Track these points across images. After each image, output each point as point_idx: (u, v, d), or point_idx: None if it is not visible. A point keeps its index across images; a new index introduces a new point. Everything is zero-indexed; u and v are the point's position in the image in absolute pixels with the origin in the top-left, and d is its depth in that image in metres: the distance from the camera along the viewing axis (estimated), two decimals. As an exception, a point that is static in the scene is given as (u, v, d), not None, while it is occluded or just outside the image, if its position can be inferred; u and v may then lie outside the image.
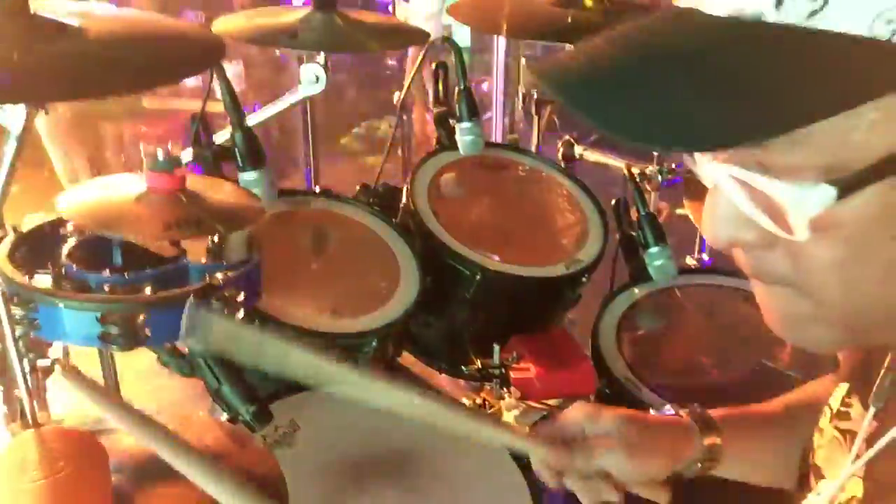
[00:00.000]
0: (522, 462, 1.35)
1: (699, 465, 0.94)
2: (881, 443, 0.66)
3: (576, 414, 0.94)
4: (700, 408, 0.97)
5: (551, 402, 1.62)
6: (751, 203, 0.53)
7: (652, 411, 1.03)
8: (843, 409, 0.75)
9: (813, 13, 0.46)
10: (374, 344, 1.51)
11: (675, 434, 0.94)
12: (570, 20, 1.86)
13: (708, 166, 0.56)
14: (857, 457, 0.68)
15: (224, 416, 1.15)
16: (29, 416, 1.10)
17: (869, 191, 0.49)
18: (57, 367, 1.01)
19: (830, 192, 0.49)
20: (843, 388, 0.76)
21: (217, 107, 1.52)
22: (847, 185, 0.49)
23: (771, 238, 0.54)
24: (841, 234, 0.51)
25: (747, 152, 0.52)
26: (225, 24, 1.60)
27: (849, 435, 0.72)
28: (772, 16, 0.47)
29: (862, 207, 0.50)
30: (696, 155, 0.58)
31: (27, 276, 1.02)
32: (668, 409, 1.00)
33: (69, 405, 1.26)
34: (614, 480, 0.91)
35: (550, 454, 0.92)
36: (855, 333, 0.58)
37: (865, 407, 0.70)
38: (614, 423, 0.92)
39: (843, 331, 0.58)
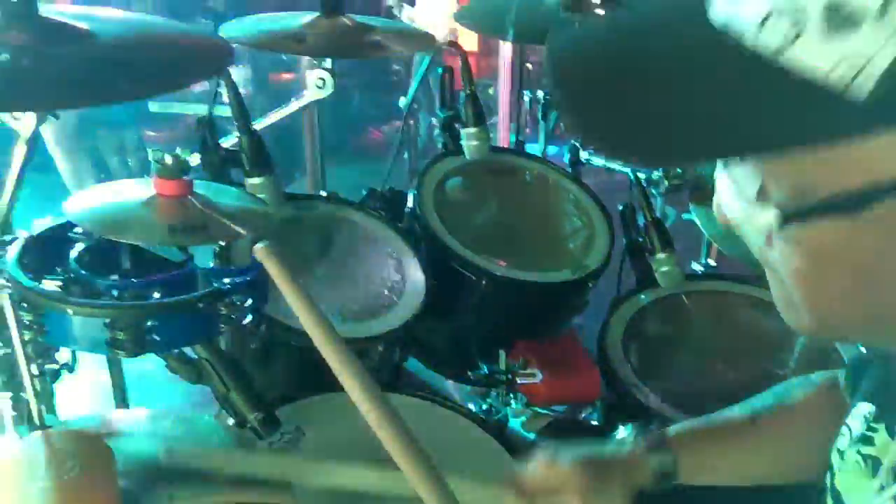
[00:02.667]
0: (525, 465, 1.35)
1: (656, 482, 0.99)
2: None
3: (536, 467, 0.99)
4: (654, 429, 1.03)
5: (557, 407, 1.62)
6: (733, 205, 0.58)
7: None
8: (867, 433, 0.72)
9: (781, 48, 0.47)
10: (379, 349, 1.51)
11: (627, 466, 1.00)
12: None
13: (719, 170, 0.60)
14: (883, 487, 0.66)
15: (231, 422, 1.15)
16: (36, 419, 1.10)
17: (820, 226, 0.51)
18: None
19: (777, 217, 0.53)
20: (863, 407, 0.74)
21: (224, 111, 1.53)
22: (792, 217, 0.52)
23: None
24: (801, 251, 0.54)
25: (741, 167, 0.56)
26: (233, 29, 1.61)
27: (872, 461, 0.70)
28: (751, 39, 0.48)
29: (818, 237, 0.52)
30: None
31: (36, 281, 1.02)
32: (625, 432, 1.04)
33: (77, 408, 1.26)
34: None
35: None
36: (830, 332, 0.63)
37: (891, 433, 0.68)
38: (569, 472, 0.97)
39: (819, 326, 0.60)
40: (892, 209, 0.48)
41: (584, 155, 2.22)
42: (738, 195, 0.56)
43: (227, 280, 1.06)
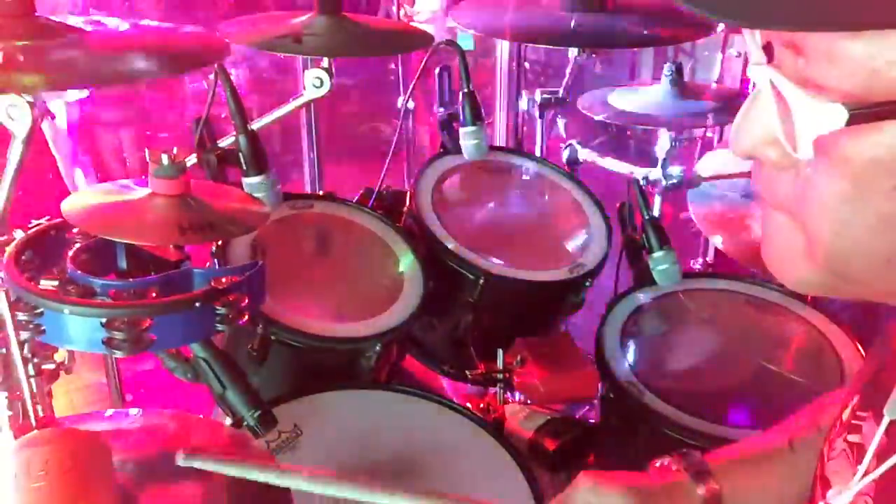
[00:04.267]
0: (523, 464, 1.36)
1: None
2: (892, 460, 0.64)
3: (579, 495, 0.94)
4: (696, 456, 0.97)
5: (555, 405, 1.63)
6: (776, 113, 0.53)
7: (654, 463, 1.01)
8: (854, 421, 0.73)
9: None
10: (377, 348, 1.51)
11: (673, 495, 0.94)
12: (573, 24, 1.86)
13: (757, 69, 0.55)
14: (867, 473, 0.67)
15: (228, 421, 1.16)
16: (32, 418, 1.10)
17: (884, 130, 0.48)
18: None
19: (842, 113, 0.48)
20: (856, 399, 0.75)
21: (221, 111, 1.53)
22: (860, 113, 0.48)
23: (788, 160, 0.54)
24: (846, 169, 0.51)
25: (793, 62, 0.52)
26: (230, 30, 1.61)
27: (857, 448, 0.70)
28: None
29: (872, 147, 0.49)
30: (754, 55, 0.56)
31: (32, 281, 1.02)
32: (664, 461, 1.00)
33: (74, 408, 1.26)
34: None
35: None
36: (837, 279, 0.58)
37: (877, 421, 0.68)
38: (616, 498, 0.92)
39: (825, 274, 0.57)
40: None
41: (581, 154, 2.23)
42: (796, 97, 0.51)
43: (223, 279, 1.06)
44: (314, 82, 1.62)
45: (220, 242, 1.47)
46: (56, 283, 1.05)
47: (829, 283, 0.59)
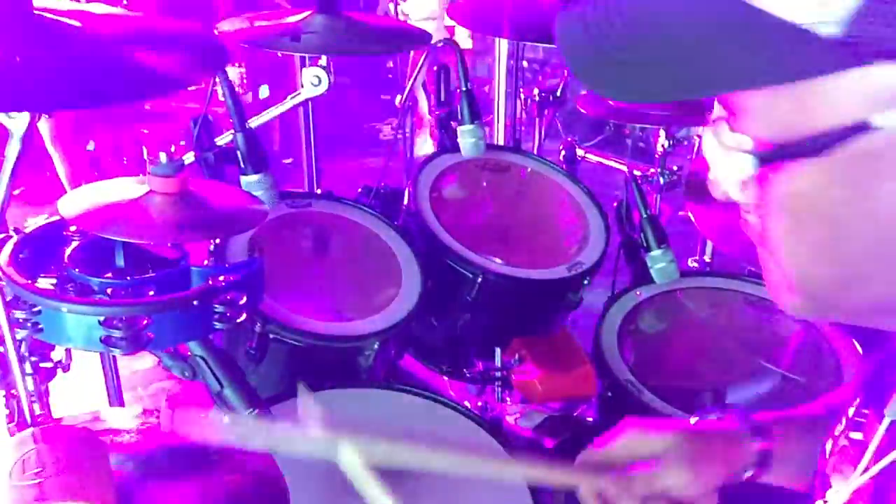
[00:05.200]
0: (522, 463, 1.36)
1: (751, 471, 0.93)
2: (890, 457, 0.65)
3: (624, 440, 0.94)
4: (748, 413, 0.97)
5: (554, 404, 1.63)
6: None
7: (692, 420, 1.01)
8: (857, 419, 0.74)
9: None
10: (375, 346, 1.51)
11: (728, 442, 0.94)
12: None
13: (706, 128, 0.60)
14: (866, 471, 0.67)
15: (226, 419, 1.15)
16: (28, 416, 1.10)
17: (802, 167, 0.52)
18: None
19: (749, 160, 0.54)
20: (860, 398, 0.75)
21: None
22: (765, 157, 0.53)
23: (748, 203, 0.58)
24: (783, 204, 0.55)
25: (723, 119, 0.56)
26: (228, 27, 1.61)
27: (858, 445, 0.71)
28: None
29: (795, 182, 0.53)
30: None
31: (30, 280, 1.02)
32: (713, 416, 0.99)
33: (71, 406, 1.26)
34: (674, 498, 0.92)
35: (608, 485, 0.92)
36: (815, 303, 0.61)
37: (878, 420, 0.68)
38: (668, 443, 0.92)
39: (806, 300, 0.61)
40: (855, 153, 0.49)
41: (579, 152, 2.24)
42: (719, 148, 0.57)
43: (221, 278, 1.06)
44: (312, 80, 1.62)
45: (217, 241, 1.47)
46: (54, 281, 1.05)
47: (815, 308, 0.63)
